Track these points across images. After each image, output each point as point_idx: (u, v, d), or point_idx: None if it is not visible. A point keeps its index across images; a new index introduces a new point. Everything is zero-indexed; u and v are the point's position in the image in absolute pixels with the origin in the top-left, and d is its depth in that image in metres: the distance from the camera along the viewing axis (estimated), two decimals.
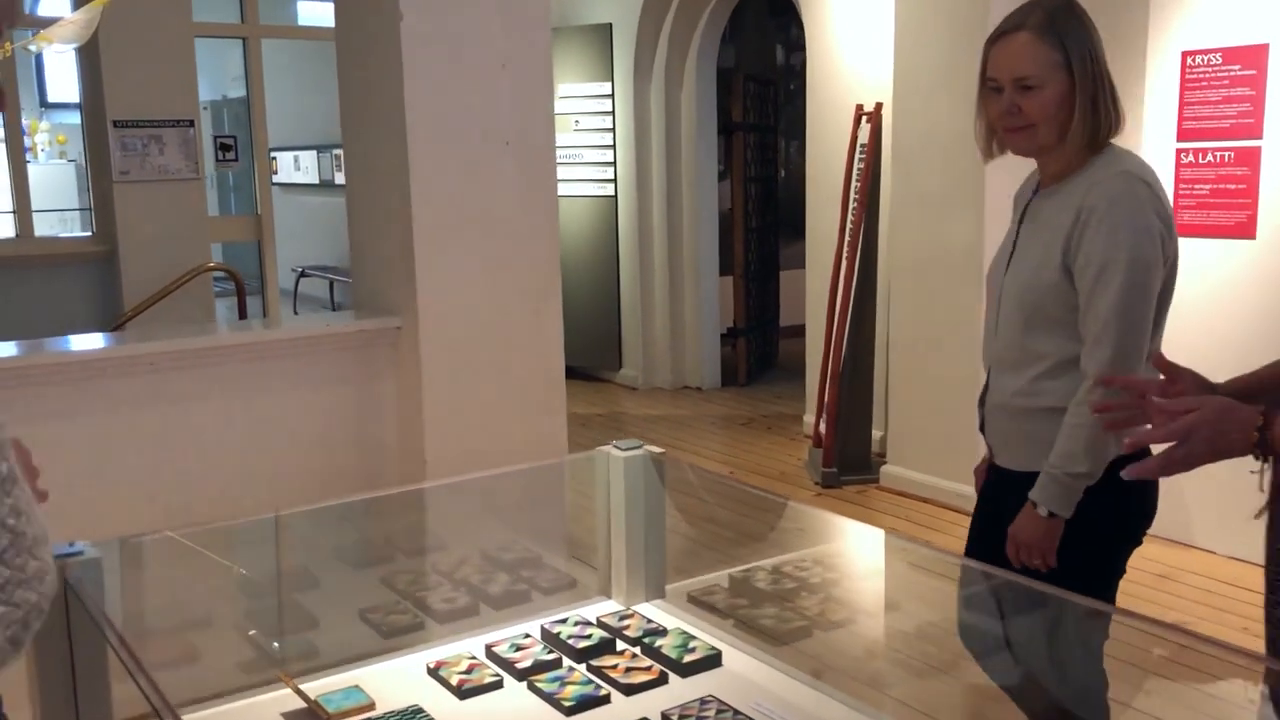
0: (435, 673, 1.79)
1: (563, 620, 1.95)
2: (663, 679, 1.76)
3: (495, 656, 1.83)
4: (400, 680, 1.78)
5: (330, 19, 3.72)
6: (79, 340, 3.30)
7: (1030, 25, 1.97)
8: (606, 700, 1.69)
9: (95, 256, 6.15)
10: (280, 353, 3.32)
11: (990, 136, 2.11)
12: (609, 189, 7.46)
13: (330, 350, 3.38)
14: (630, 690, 1.72)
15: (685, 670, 1.78)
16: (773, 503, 2.37)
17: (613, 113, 7.35)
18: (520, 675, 1.77)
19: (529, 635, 1.91)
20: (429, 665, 1.81)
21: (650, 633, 1.90)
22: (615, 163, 7.41)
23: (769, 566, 2.20)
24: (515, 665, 1.79)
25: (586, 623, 1.94)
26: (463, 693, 1.72)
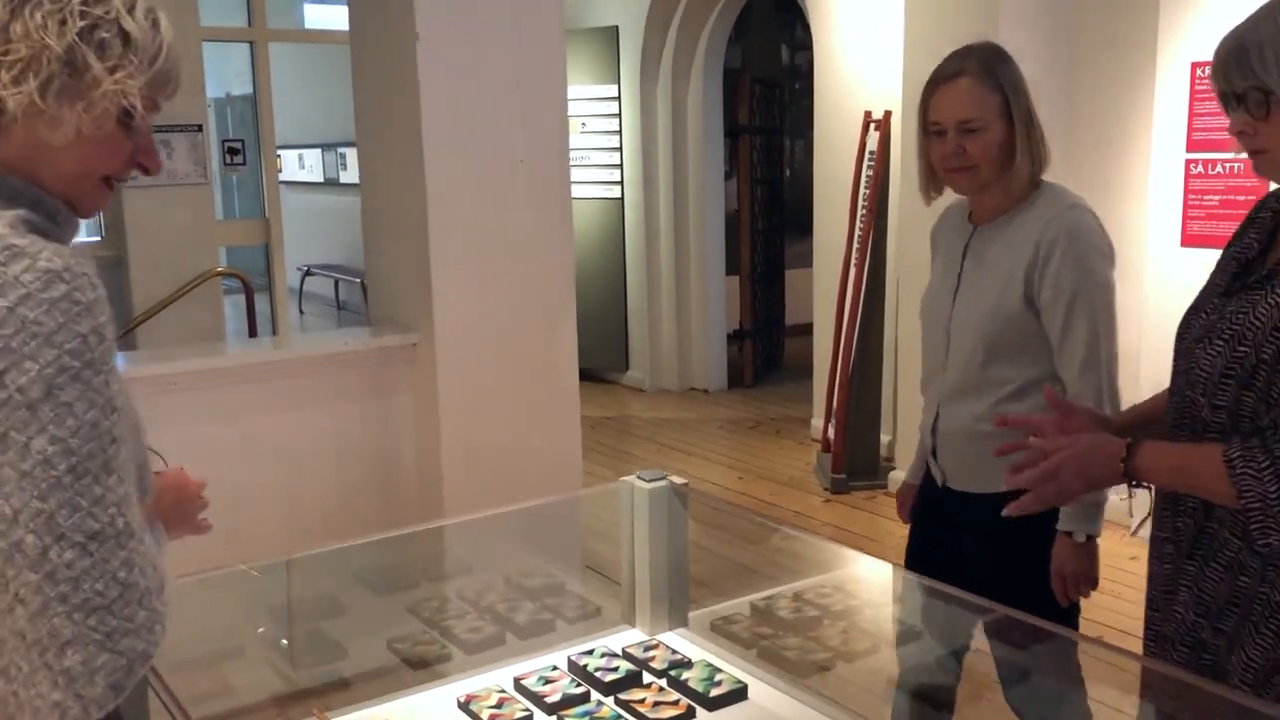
0: (466, 707, 1.81)
1: (589, 651, 1.98)
2: (690, 713, 1.78)
3: (524, 690, 1.86)
4: (432, 715, 1.81)
5: (337, 21, 3.73)
6: None
7: (969, 71, 2.11)
8: None
9: (104, 261, 6.16)
10: (299, 370, 3.35)
11: (930, 178, 2.21)
12: (615, 191, 7.48)
13: (348, 367, 3.42)
14: None
15: (712, 704, 1.81)
16: (789, 530, 2.40)
17: (619, 115, 7.37)
18: (550, 710, 1.80)
19: (556, 668, 1.94)
20: (459, 699, 1.84)
21: (676, 664, 1.93)
22: (622, 165, 7.42)
23: (790, 594, 2.22)
24: (545, 699, 1.82)
25: (613, 654, 1.96)
26: None
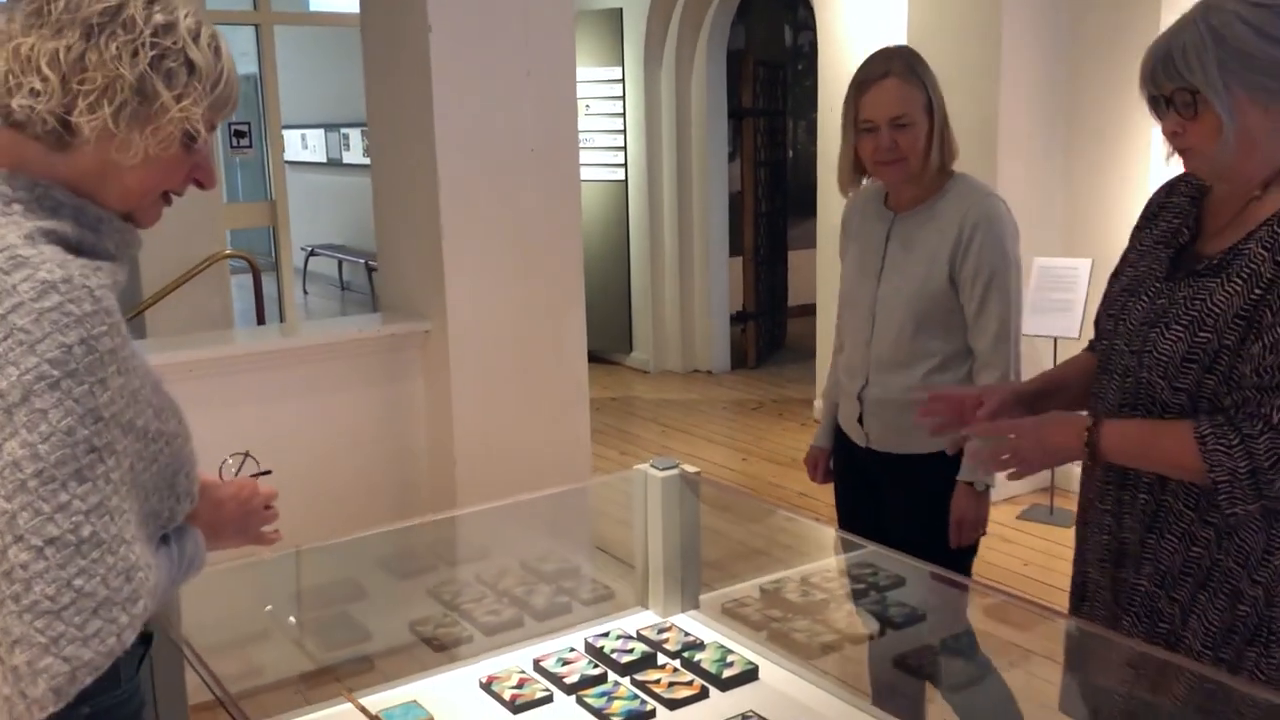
0: (488, 687, 1.89)
1: (605, 633, 2.05)
2: (704, 693, 1.85)
3: (543, 671, 1.93)
4: (455, 695, 1.88)
5: (341, 3, 3.77)
6: None
7: (896, 71, 2.29)
8: (652, 715, 1.79)
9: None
10: (312, 358, 3.41)
11: (854, 172, 2.39)
12: (619, 173, 7.51)
13: (361, 354, 3.48)
14: (674, 705, 1.82)
15: (725, 685, 1.88)
16: (797, 515, 2.47)
17: (623, 98, 7.39)
18: (569, 690, 1.87)
19: (574, 649, 2.00)
20: (481, 680, 1.91)
21: (689, 646, 2.00)
22: (626, 147, 7.45)
23: (797, 577, 2.29)
24: (563, 680, 1.89)
25: (628, 636, 2.03)
26: (515, 708, 1.82)
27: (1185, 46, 1.49)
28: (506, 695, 1.85)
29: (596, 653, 1.99)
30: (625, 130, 7.44)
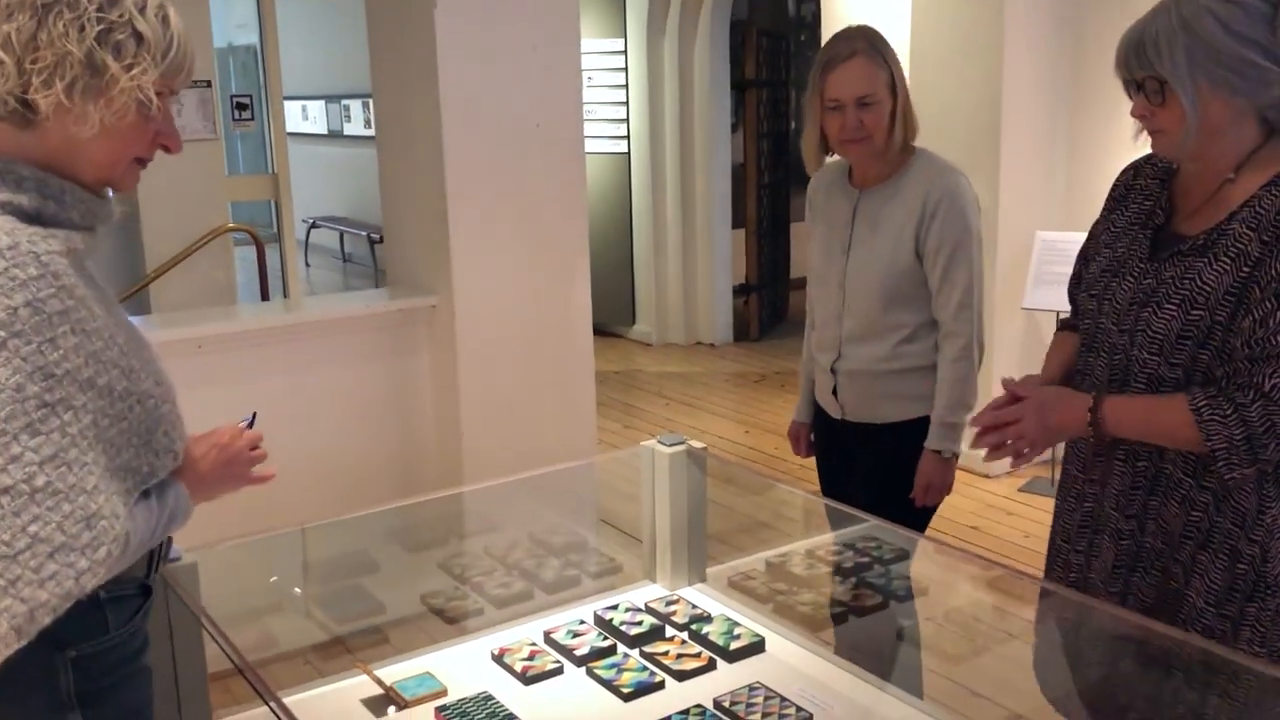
0: (500, 659, 1.92)
1: (613, 606, 2.09)
2: (711, 665, 1.89)
3: (554, 643, 1.97)
4: (467, 666, 1.92)
5: None
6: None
7: (861, 51, 2.32)
8: (661, 686, 1.83)
9: (117, 218, 6.21)
10: (321, 332, 3.44)
11: (820, 150, 2.43)
12: (622, 145, 7.50)
13: (368, 329, 3.50)
14: (682, 676, 1.86)
15: (732, 656, 1.92)
16: (800, 490, 2.49)
17: (626, 69, 7.37)
18: (579, 661, 1.91)
19: (583, 621, 2.04)
20: (493, 652, 1.95)
21: (696, 619, 2.03)
22: (628, 119, 7.44)
23: (802, 550, 2.33)
24: (574, 652, 1.93)
25: (636, 609, 2.07)
26: (527, 679, 1.86)
27: (1157, 36, 1.55)
28: (518, 667, 1.89)
29: (606, 625, 2.02)
30: (628, 102, 7.42)
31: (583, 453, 3.62)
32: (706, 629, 1.99)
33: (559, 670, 1.89)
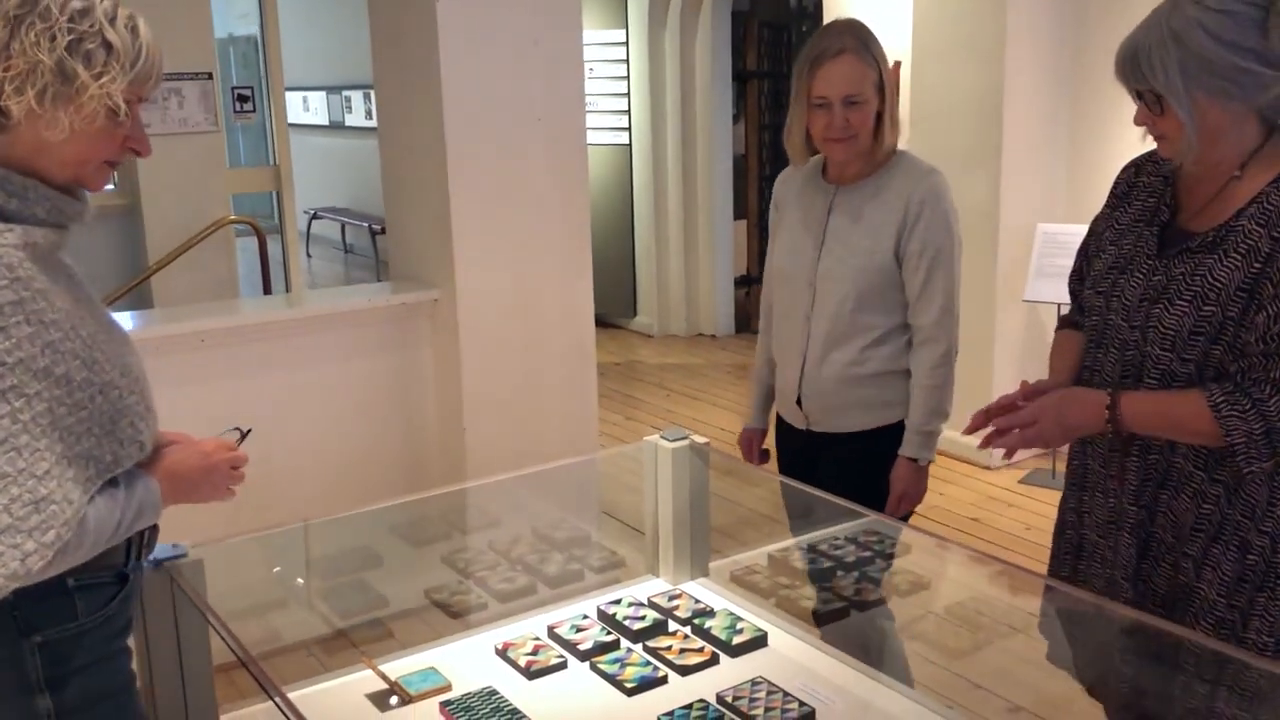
0: (504, 654, 1.93)
1: (616, 601, 2.10)
2: (714, 660, 1.90)
3: (558, 638, 1.98)
4: (471, 661, 1.93)
5: None
6: (124, 317, 3.41)
7: (850, 48, 2.24)
8: (664, 681, 1.84)
9: (118, 210, 6.21)
10: (323, 326, 3.44)
11: (805, 147, 2.36)
12: (623, 137, 7.49)
13: (371, 323, 3.51)
14: (685, 671, 1.87)
15: (734, 651, 1.93)
16: (802, 485, 2.50)
17: (627, 61, 7.36)
18: (582, 656, 1.92)
19: (587, 616, 2.05)
20: (497, 647, 1.96)
21: (699, 613, 2.04)
22: (630, 111, 7.43)
23: (804, 545, 2.33)
24: (577, 646, 1.94)
25: (639, 603, 2.08)
26: (531, 674, 1.87)
27: (1150, 49, 1.57)
28: (522, 661, 1.90)
29: (609, 620, 2.03)
30: (629, 93, 7.41)
31: (584, 446, 3.63)
32: (709, 623, 2.00)
33: (562, 665, 1.90)
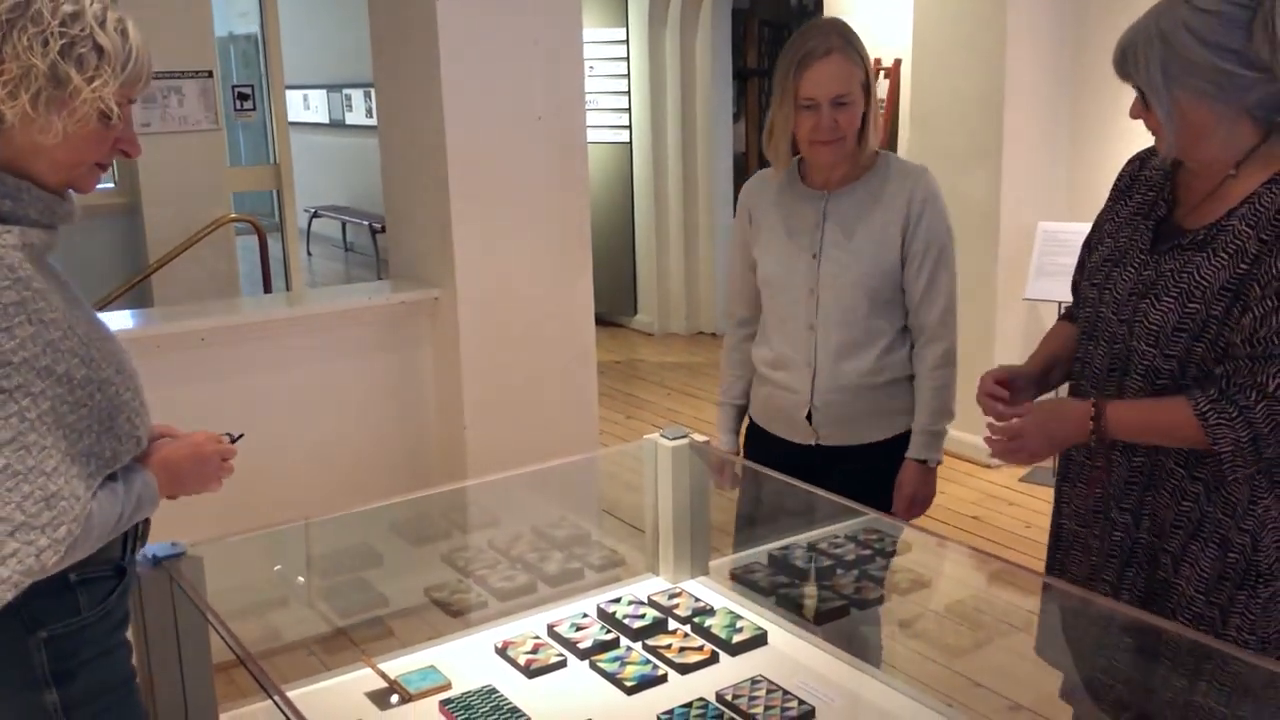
0: (503, 652, 1.93)
1: (616, 599, 2.09)
2: (714, 658, 1.90)
3: (557, 636, 1.98)
4: (471, 659, 1.93)
5: None
6: (124, 316, 3.42)
7: (837, 48, 2.18)
8: (664, 680, 1.84)
9: (118, 209, 6.21)
10: (324, 325, 3.45)
11: (789, 151, 2.30)
12: (624, 135, 7.49)
13: (371, 321, 3.51)
14: (685, 669, 1.87)
15: (734, 650, 1.93)
16: (802, 483, 2.50)
17: (628, 59, 7.35)
18: (582, 655, 1.92)
19: (586, 615, 2.05)
20: (497, 645, 1.96)
21: (699, 612, 2.04)
22: (630, 109, 7.42)
23: (804, 544, 2.33)
24: (577, 645, 1.94)
25: (639, 602, 2.08)
26: (530, 672, 1.87)
27: (1137, 47, 1.58)
28: (521, 660, 1.90)
29: (609, 618, 2.03)
30: (630, 92, 7.40)
31: (585, 444, 3.63)
32: (709, 622, 2.00)
33: (562, 663, 1.90)
